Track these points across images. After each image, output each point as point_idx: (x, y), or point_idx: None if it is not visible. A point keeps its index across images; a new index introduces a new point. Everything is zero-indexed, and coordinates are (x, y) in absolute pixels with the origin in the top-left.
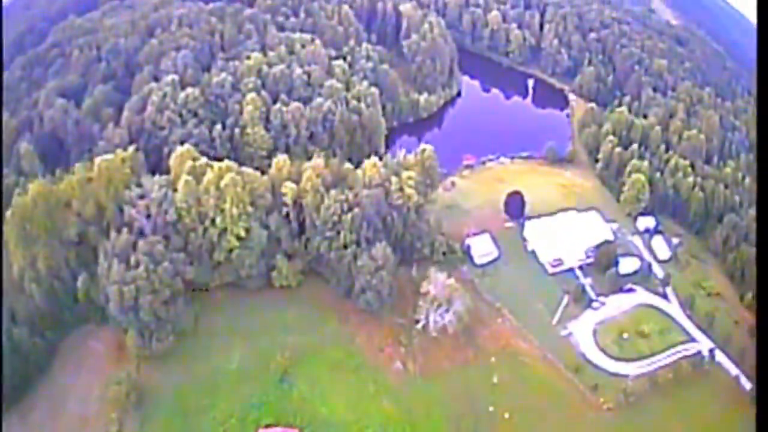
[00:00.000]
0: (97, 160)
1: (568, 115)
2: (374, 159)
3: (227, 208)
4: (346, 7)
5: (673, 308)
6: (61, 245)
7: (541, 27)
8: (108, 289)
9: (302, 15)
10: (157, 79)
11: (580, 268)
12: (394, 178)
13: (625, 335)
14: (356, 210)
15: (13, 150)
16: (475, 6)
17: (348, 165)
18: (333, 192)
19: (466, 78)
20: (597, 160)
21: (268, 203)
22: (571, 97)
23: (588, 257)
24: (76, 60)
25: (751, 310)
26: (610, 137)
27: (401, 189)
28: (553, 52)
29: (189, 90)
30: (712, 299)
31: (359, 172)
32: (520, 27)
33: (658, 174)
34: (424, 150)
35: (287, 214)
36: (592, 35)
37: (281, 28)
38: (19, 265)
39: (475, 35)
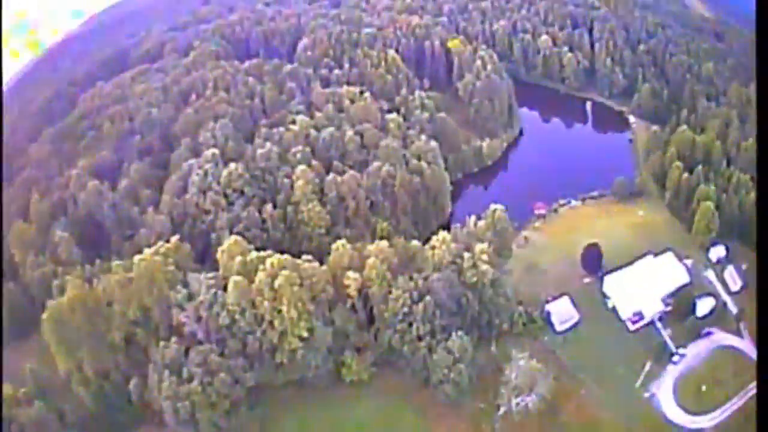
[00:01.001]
0: (136, 258)
1: (630, 140)
2: (443, 234)
3: (285, 310)
4: (392, 51)
5: (747, 344)
6: (108, 349)
7: (592, 46)
8: (162, 403)
9: (347, 65)
10: (196, 154)
11: (660, 318)
12: (466, 254)
13: (704, 387)
14: (428, 298)
15: (49, 236)
16: (523, 32)
17: (414, 243)
18: (401, 279)
19: (524, 109)
20: (664, 187)
21: (330, 297)
22: (631, 119)
23: (666, 305)
24: (108, 133)
25: None
26: (677, 163)
27: (475, 265)
28: (608, 72)
29: (232, 166)
30: None
31: (427, 249)
32: (571, 49)
33: (723, 195)
34: (494, 211)
35: (353, 305)
36: (642, 47)
37: (326, 83)
38: (64, 367)
39: (528, 64)
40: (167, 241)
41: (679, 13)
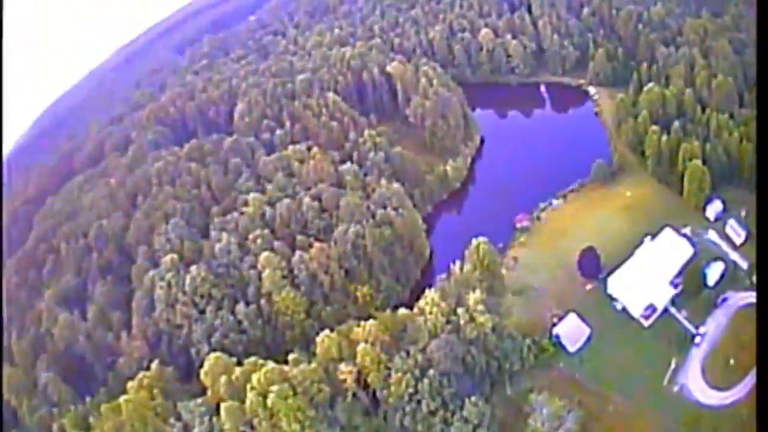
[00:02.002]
0: (123, 399)
1: (596, 113)
2: (430, 295)
3: (285, 425)
4: (331, 95)
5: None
6: None
7: (535, 25)
8: None
9: (288, 123)
10: (155, 263)
11: (673, 303)
12: (460, 310)
13: (731, 360)
14: (431, 371)
15: (35, 379)
16: (461, 31)
17: (403, 312)
18: (398, 360)
19: (479, 112)
20: (644, 155)
21: (328, 393)
22: (591, 90)
23: (676, 287)
24: (67, 255)
25: None
26: (652, 127)
27: (472, 318)
28: (557, 48)
29: (193, 270)
30: None
31: (418, 315)
32: (515, 36)
33: (706, 145)
34: (478, 247)
35: (354, 395)
36: (585, 11)
37: (270, 148)
38: None
39: (473, 64)
40: (148, 367)
41: None
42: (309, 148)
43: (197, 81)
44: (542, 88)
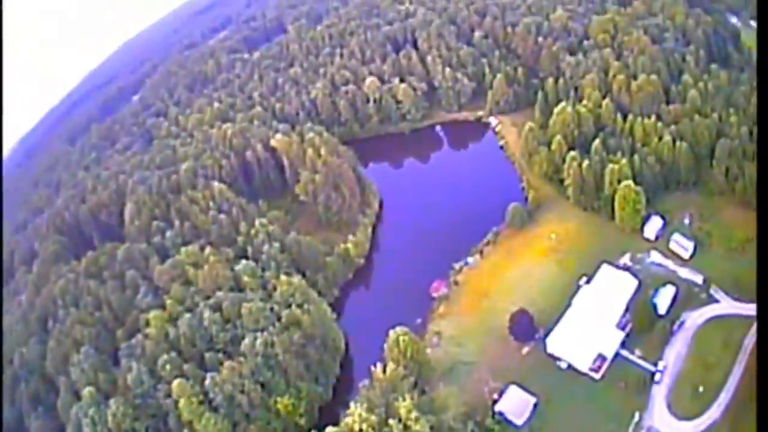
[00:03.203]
0: None
1: (501, 147)
2: (356, 410)
3: None
4: (217, 184)
5: (725, 305)
6: None
7: (423, 62)
8: None
9: (177, 222)
10: (76, 394)
11: (623, 345)
12: (392, 422)
13: (701, 388)
14: None
15: None
16: (343, 84)
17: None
18: None
19: (372, 166)
20: (563, 184)
21: None
22: (492, 121)
23: (624, 327)
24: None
25: None
26: (571, 154)
27: (406, 428)
28: (450, 83)
29: (113, 405)
30: (746, 248)
31: None
32: (402, 79)
33: (634, 158)
34: (397, 339)
35: None
36: (477, 34)
37: (163, 253)
38: None
39: (360, 118)
40: None
41: None
42: (202, 249)
43: (88, 179)
44: (438, 129)
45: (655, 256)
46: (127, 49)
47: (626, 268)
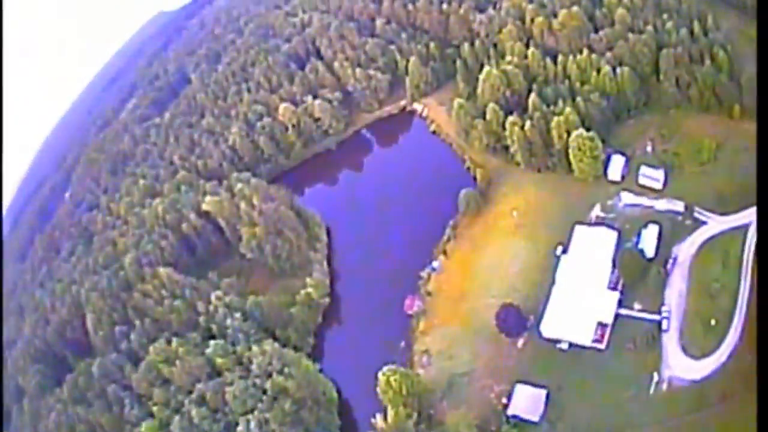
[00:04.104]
0: None
1: (434, 132)
2: None
3: None
4: (162, 269)
5: (713, 223)
6: None
7: (331, 69)
8: None
9: (136, 320)
10: None
11: (621, 304)
12: None
13: (712, 321)
14: None
15: None
16: (259, 118)
17: None
18: None
19: (308, 191)
20: (509, 152)
21: None
22: (417, 107)
23: (616, 286)
24: None
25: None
26: (511, 118)
27: None
28: (363, 82)
29: None
30: (719, 156)
31: None
32: (315, 95)
33: (578, 102)
34: (388, 380)
35: None
36: (379, 22)
37: (133, 357)
38: None
39: (283, 148)
40: None
41: None
42: (168, 342)
43: (45, 297)
44: (364, 133)
45: (627, 197)
46: (48, 146)
47: (600, 222)
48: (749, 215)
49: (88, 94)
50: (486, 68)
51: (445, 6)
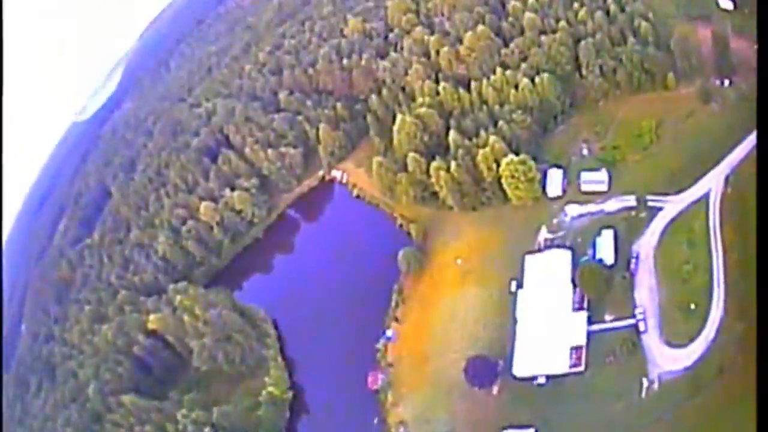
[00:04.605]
0: None
1: (358, 197)
2: None
3: None
4: (123, 397)
5: (667, 205)
6: None
7: (243, 156)
8: None
9: None
10: None
11: (591, 321)
12: None
13: (692, 305)
14: None
15: None
16: (182, 223)
17: None
18: None
19: (248, 287)
20: (438, 198)
21: None
22: (336, 174)
23: (582, 305)
24: None
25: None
26: (434, 163)
27: None
28: (277, 162)
29: None
30: (660, 134)
31: None
32: (232, 187)
33: (502, 126)
34: None
35: None
36: (282, 94)
37: None
38: None
39: (212, 247)
40: None
41: None
42: None
43: None
44: (288, 213)
45: (573, 210)
46: None
47: (550, 245)
48: (706, 184)
49: (23, 219)
50: (399, 117)
51: (345, 61)
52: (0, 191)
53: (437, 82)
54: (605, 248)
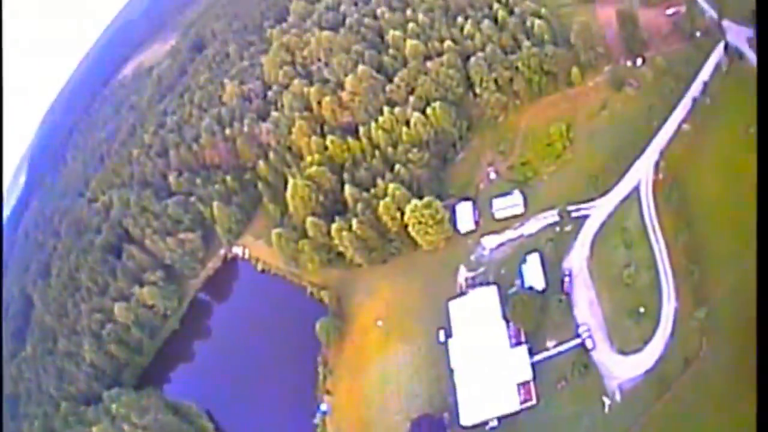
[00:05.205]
0: None
1: (263, 271)
2: None
3: None
4: None
5: (594, 210)
6: None
7: (145, 249)
8: None
9: None
10: None
11: (533, 353)
12: None
13: (640, 309)
14: None
15: None
16: (101, 327)
17: None
18: None
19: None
20: (345, 257)
21: None
22: (237, 250)
23: (519, 340)
24: None
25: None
26: (334, 224)
27: None
28: (178, 250)
29: None
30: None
31: None
32: (141, 284)
33: (398, 169)
34: None
35: None
36: (172, 177)
37: None
38: None
39: (134, 347)
40: None
41: None
42: None
43: None
44: (200, 299)
45: (490, 242)
46: None
47: (473, 284)
48: (634, 176)
49: None
50: (290, 181)
51: (228, 130)
52: None
53: (323, 135)
54: (533, 274)
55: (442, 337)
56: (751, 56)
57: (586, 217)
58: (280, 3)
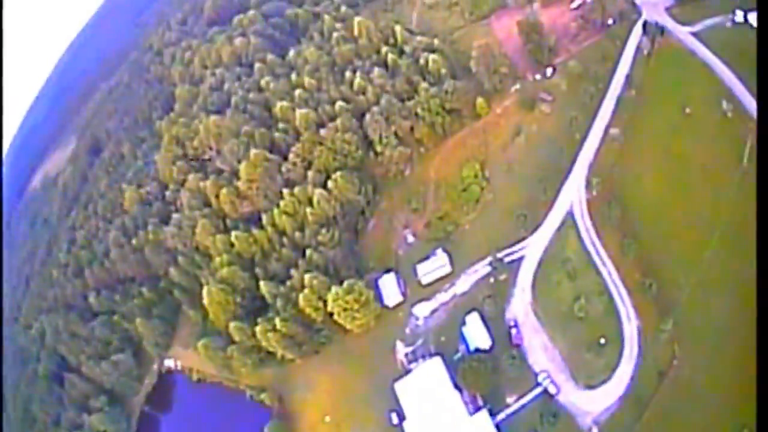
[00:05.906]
0: None
1: (200, 381)
2: None
3: None
4: None
5: (529, 248)
6: None
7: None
8: None
9: None
10: None
11: (494, 414)
12: None
13: (601, 340)
14: None
15: None
16: None
17: None
18: None
19: None
20: (276, 356)
21: None
22: (169, 362)
23: (476, 405)
24: None
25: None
26: (258, 327)
27: None
28: (111, 371)
29: None
30: (492, 178)
31: None
32: (89, 412)
33: (309, 254)
34: None
35: None
36: (92, 297)
37: None
38: None
39: None
40: None
41: None
42: None
43: None
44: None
45: (422, 310)
46: None
47: (414, 359)
48: (565, 200)
49: None
50: (204, 289)
51: (134, 241)
52: None
53: (227, 231)
54: (476, 334)
55: (395, 420)
56: (674, 27)
57: (520, 259)
58: (166, 90)
